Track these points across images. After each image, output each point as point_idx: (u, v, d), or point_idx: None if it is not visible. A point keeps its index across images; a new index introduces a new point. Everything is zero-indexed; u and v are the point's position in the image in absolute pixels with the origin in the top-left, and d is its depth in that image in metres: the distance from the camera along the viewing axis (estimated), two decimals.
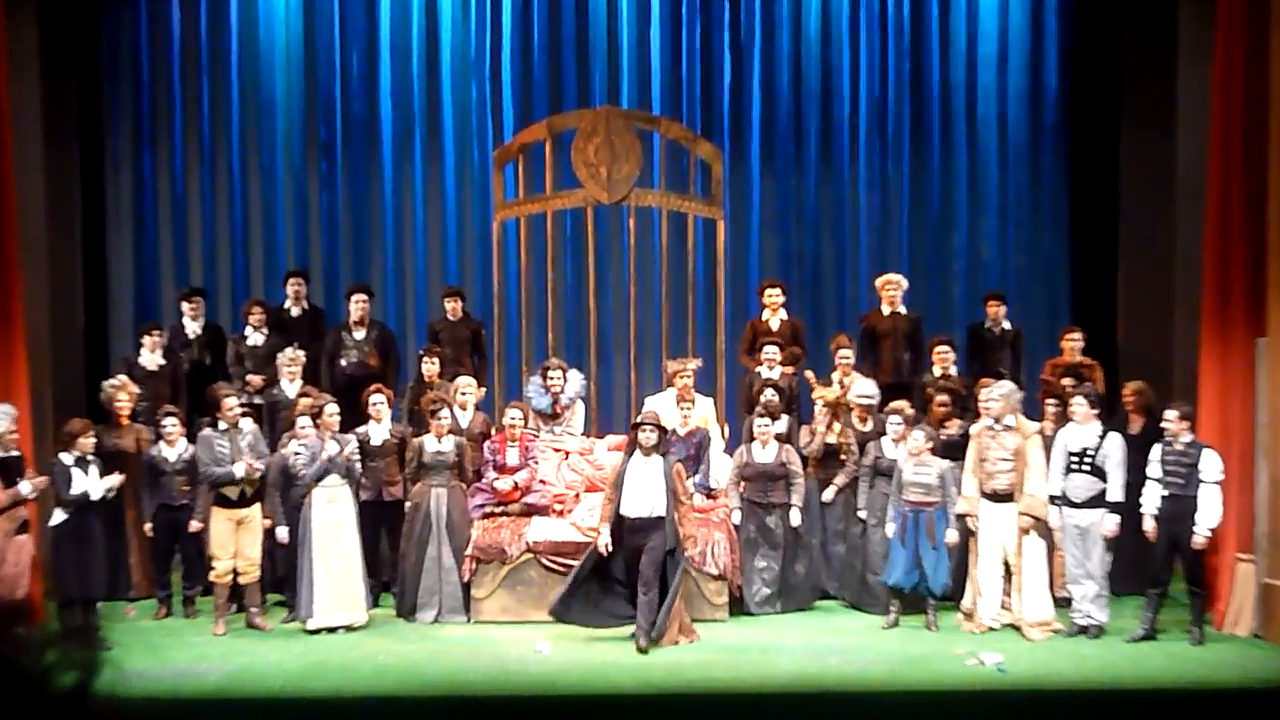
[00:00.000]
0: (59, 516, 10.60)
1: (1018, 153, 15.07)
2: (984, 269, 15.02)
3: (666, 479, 10.50)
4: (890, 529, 11.23)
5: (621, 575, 10.58)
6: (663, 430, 10.79)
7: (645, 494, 10.52)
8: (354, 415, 11.90)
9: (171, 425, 11.49)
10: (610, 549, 10.49)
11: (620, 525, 10.54)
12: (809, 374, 12.63)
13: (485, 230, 14.41)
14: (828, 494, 11.97)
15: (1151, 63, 13.70)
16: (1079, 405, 10.94)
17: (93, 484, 10.59)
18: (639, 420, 10.90)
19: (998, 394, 11.01)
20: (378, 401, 11.81)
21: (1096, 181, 14.65)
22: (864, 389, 12.21)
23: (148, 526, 11.61)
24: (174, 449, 11.48)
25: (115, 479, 10.84)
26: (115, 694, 3.30)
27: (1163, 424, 10.77)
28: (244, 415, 11.51)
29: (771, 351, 12.83)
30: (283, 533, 11.25)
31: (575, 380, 12.83)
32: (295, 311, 13.67)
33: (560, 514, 11.82)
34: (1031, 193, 15.06)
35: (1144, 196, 14.00)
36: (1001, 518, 10.96)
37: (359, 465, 11.35)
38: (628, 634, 10.54)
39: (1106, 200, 14.50)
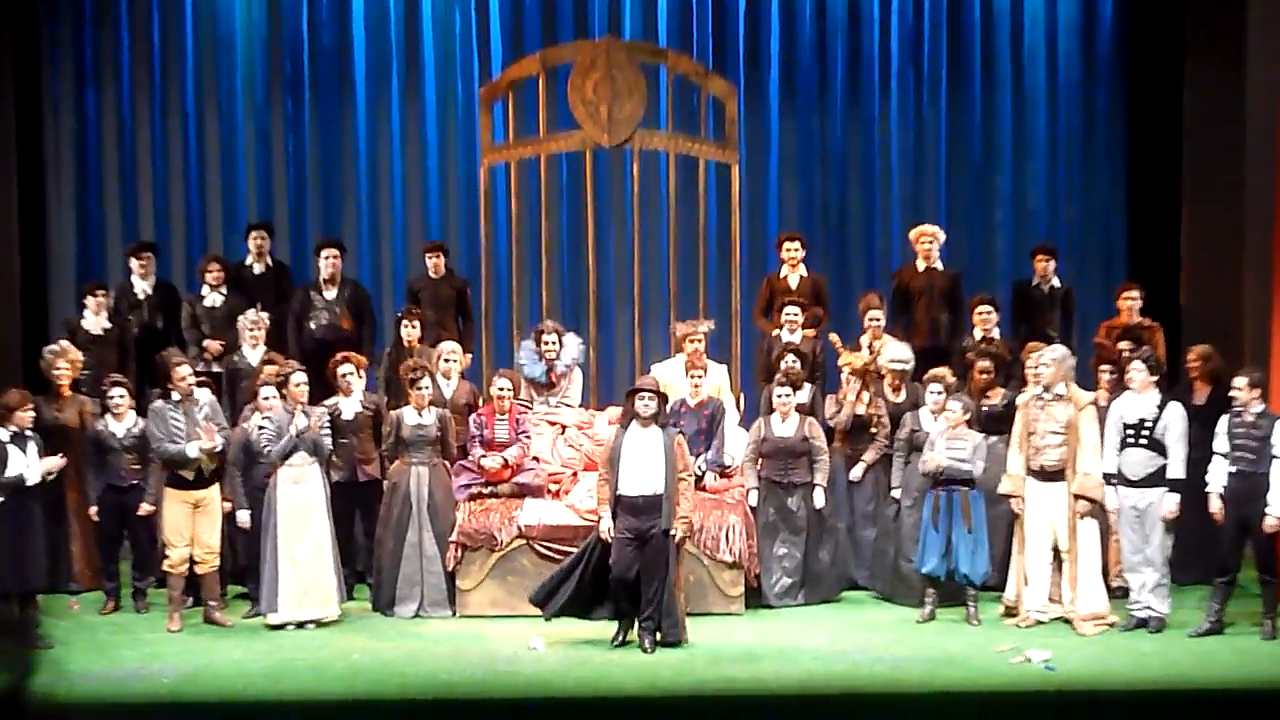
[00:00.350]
0: None
1: (1068, 89, 14.98)
2: (1031, 219, 14.95)
3: (667, 453, 10.42)
4: (898, 493, 11.30)
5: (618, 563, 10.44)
6: (663, 398, 10.70)
7: (644, 470, 10.38)
8: (324, 385, 11.83)
9: (119, 396, 11.42)
10: (613, 534, 10.41)
11: (617, 506, 10.46)
12: (833, 338, 12.56)
13: (471, 177, 14.35)
14: (856, 472, 11.91)
15: None
16: (1137, 371, 10.86)
17: (31, 465, 10.53)
18: (635, 387, 10.79)
19: (1049, 359, 10.92)
20: (347, 371, 11.73)
21: (1156, 121, 14.54)
22: (897, 353, 12.16)
23: (93, 510, 11.55)
24: (122, 423, 11.41)
25: (56, 461, 10.77)
26: (54, 697, 3.26)
27: (1231, 393, 10.69)
28: (199, 385, 11.45)
29: (792, 312, 12.76)
30: (244, 516, 11.19)
31: (572, 345, 12.77)
32: (258, 269, 13.62)
33: (555, 495, 11.76)
34: (1084, 134, 14.97)
35: (1210, 138, 13.91)
36: (1050, 498, 10.89)
37: (329, 441, 11.28)
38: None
39: (1168, 142, 14.41)
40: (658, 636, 10.33)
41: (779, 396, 11.65)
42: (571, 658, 10.19)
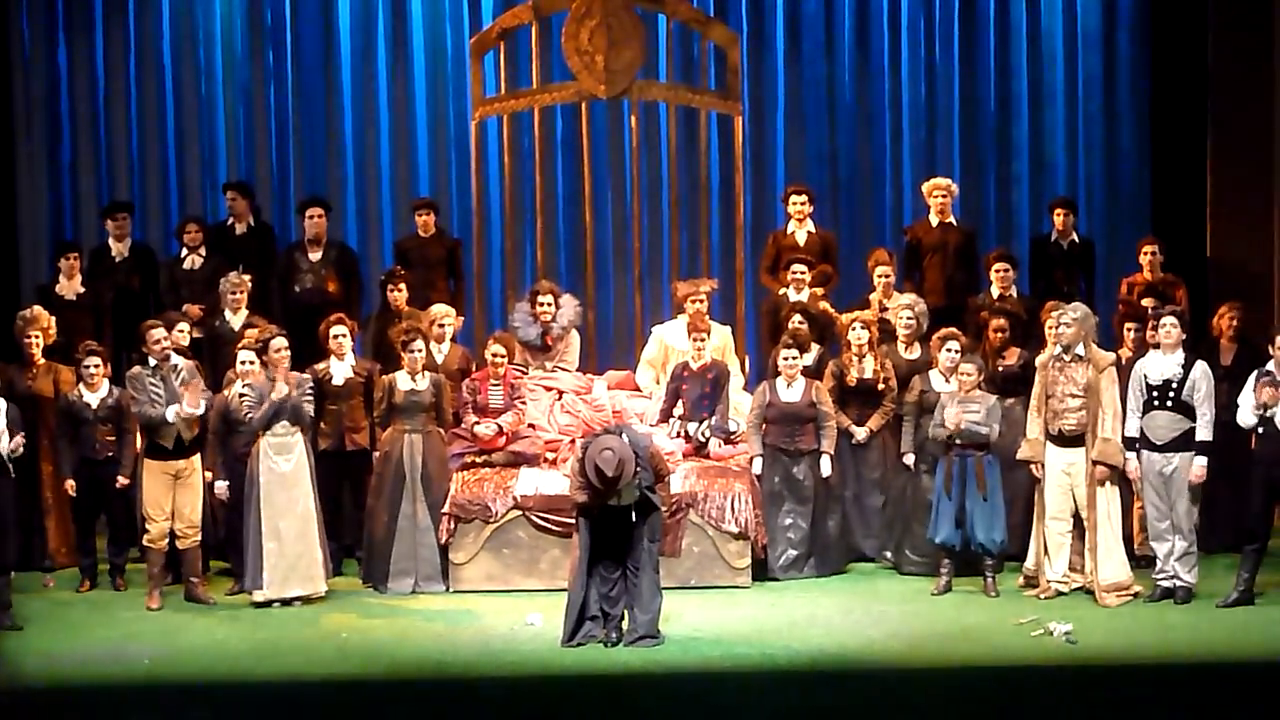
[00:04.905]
0: None
1: (1087, 34, 14.85)
2: (1049, 171, 14.86)
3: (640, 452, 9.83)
4: (910, 459, 11.41)
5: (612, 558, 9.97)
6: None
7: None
8: (309, 349, 11.82)
9: (94, 365, 11.35)
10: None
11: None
12: (824, 305, 12.46)
13: (462, 131, 14.27)
14: (860, 434, 11.80)
15: None
16: (1169, 329, 10.73)
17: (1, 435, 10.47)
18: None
19: (1070, 318, 10.83)
20: (340, 333, 11.69)
21: (1181, 67, 14.42)
22: (906, 299, 12.13)
23: (68, 484, 11.49)
24: (96, 393, 11.34)
25: (16, 439, 10.65)
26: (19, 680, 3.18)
27: (1271, 350, 10.58)
28: (176, 350, 11.37)
29: (799, 270, 12.69)
30: (222, 487, 11.13)
31: (569, 307, 12.72)
32: (239, 229, 13.58)
33: (552, 464, 11.73)
34: (1104, 81, 14.85)
35: (1237, 84, 13.84)
36: (1071, 464, 10.83)
37: (311, 408, 11.17)
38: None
39: (1193, 89, 14.31)
40: (622, 628, 9.91)
41: (785, 359, 11.58)
42: None
